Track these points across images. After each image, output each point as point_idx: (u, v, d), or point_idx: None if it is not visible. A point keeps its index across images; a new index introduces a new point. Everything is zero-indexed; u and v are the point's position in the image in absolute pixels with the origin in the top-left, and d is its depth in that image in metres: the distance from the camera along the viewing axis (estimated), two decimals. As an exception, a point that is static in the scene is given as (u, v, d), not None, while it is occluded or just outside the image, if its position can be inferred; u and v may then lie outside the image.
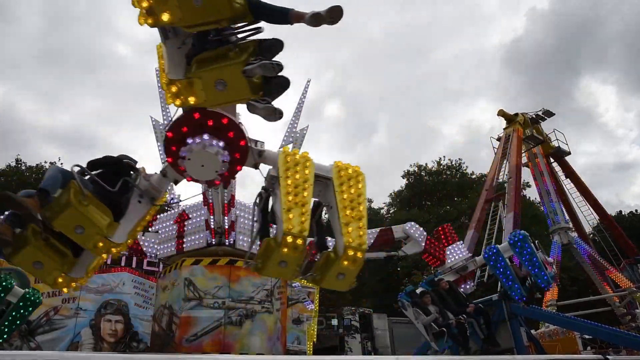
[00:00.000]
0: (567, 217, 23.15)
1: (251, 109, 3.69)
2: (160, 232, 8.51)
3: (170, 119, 9.71)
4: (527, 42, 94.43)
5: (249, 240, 7.88)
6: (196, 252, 7.74)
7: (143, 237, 8.54)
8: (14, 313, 6.87)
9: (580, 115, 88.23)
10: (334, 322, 23.87)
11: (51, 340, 14.54)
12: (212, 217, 7.18)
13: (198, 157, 3.56)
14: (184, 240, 7.95)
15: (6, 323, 6.80)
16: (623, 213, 40.17)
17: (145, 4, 2.95)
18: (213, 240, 7.62)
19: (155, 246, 8.47)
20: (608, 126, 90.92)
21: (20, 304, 7.04)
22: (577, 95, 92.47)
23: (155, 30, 3.27)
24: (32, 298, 7.25)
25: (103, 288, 15.99)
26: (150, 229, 8.69)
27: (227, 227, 7.43)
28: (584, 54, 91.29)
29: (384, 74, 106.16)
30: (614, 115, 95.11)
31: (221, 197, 6.43)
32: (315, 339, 20.10)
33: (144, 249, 8.49)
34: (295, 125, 9.74)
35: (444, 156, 52.86)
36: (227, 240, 7.62)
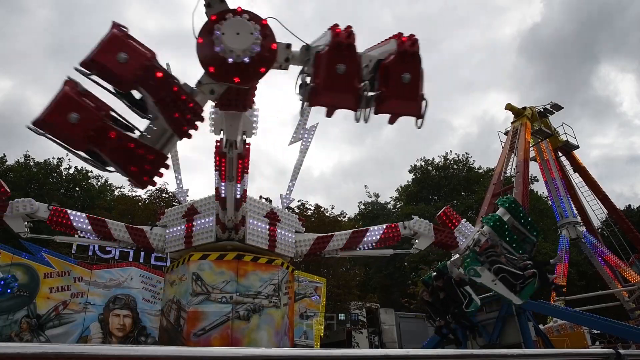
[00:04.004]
0: (576, 212, 22.98)
1: None
2: (168, 226, 8.45)
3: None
4: (544, 28, 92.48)
5: (259, 235, 7.91)
6: (204, 246, 7.71)
7: (151, 232, 8.43)
8: None
9: (598, 104, 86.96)
10: (341, 317, 23.91)
11: (61, 335, 14.69)
12: (223, 211, 7.06)
13: (232, 26, 3.56)
14: (193, 235, 7.93)
15: None
16: (632, 207, 39.86)
17: None
18: (223, 235, 7.53)
19: (164, 241, 8.38)
20: (627, 115, 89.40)
21: None
22: (596, 84, 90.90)
23: (165, 24, 3.34)
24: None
25: (111, 283, 16.13)
26: (157, 223, 8.60)
27: (235, 222, 7.22)
28: (603, 40, 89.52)
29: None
30: (633, 105, 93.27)
31: (232, 191, 6.27)
32: (322, 334, 20.16)
33: (152, 243, 8.33)
34: (305, 121, 9.60)
35: (451, 150, 52.72)
36: (236, 236, 7.57)
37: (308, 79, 3.93)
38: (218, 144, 5.53)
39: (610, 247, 22.08)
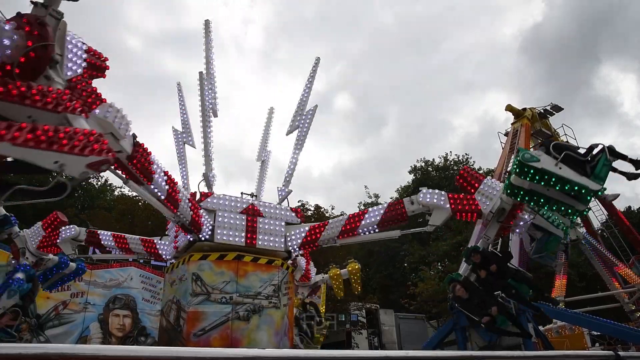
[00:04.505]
0: (576, 213, 22.91)
1: None
2: (170, 234, 8.64)
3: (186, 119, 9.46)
4: (545, 28, 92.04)
5: (230, 232, 7.73)
6: (183, 249, 7.84)
7: (160, 241, 8.68)
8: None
9: (599, 104, 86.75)
10: (341, 317, 23.89)
11: (60, 335, 14.69)
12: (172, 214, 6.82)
13: None
14: (177, 239, 8.02)
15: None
16: (632, 208, 39.84)
17: None
18: (189, 237, 7.45)
19: (167, 248, 8.57)
20: (628, 115, 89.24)
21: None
22: (597, 84, 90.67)
23: (165, 23, 3.41)
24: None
25: (111, 283, 16.14)
26: (166, 233, 8.91)
27: (186, 222, 6.94)
28: (604, 40, 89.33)
29: (395, 65, 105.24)
30: (633, 105, 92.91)
31: (148, 193, 5.97)
32: (322, 334, 20.13)
33: (161, 252, 8.57)
34: (304, 106, 9.38)
35: (451, 151, 52.81)
36: (199, 236, 7.39)
37: None
38: None
39: (610, 248, 22.06)
